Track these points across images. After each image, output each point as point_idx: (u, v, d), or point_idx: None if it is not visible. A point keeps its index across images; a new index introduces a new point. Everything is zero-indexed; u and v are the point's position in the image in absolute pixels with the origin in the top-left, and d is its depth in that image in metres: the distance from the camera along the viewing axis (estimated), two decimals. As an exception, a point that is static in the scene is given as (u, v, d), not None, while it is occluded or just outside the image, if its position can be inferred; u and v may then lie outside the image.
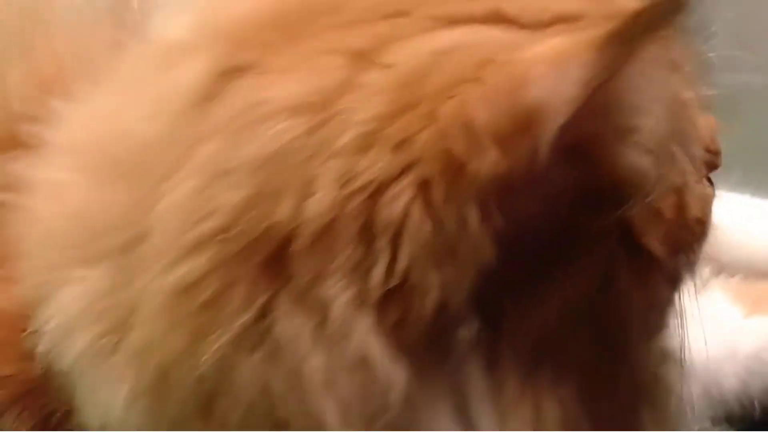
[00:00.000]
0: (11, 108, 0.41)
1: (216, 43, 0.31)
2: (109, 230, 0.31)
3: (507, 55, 0.27)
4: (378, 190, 0.27)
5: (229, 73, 0.30)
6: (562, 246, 0.29)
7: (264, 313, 0.28)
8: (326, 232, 0.27)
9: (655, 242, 0.32)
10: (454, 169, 0.26)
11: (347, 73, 0.28)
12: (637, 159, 0.29)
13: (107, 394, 0.31)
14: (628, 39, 0.25)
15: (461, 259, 0.27)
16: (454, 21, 0.29)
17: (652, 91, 0.29)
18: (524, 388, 0.30)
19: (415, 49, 0.28)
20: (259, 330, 0.28)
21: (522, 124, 0.26)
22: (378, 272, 0.27)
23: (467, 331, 0.29)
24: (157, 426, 0.30)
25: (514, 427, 0.29)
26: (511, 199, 0.27)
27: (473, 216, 0.27)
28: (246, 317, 0.28)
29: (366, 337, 0.27)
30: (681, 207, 0.33)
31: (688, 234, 0.34)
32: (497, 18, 0.29)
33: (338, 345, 0.27)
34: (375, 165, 0.27)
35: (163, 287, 0.29)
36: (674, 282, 0.34)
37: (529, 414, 0.30)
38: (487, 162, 0.26)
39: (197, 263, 0.28)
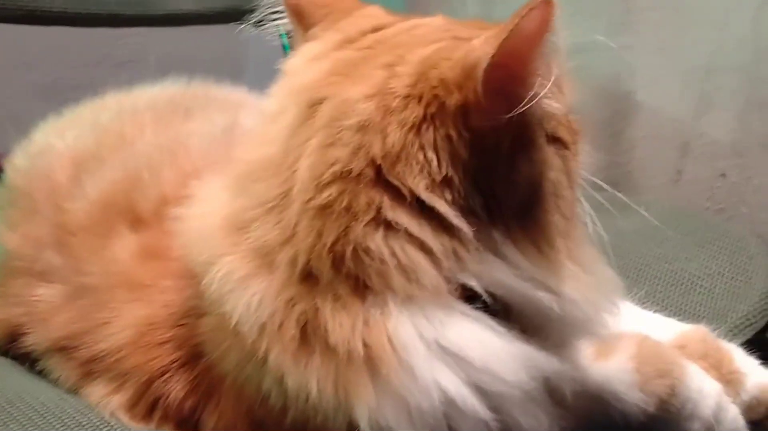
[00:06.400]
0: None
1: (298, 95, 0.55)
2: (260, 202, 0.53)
3: (461, 47, 0.51)
4: (416, 125, 0.50)
5: (315, 103, 0.53)
6: (510, 146, 0.51)
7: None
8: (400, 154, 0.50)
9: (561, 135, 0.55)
10: (440, 105, 0.50)
11: (386, 74, 0.52)
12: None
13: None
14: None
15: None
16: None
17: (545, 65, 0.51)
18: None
19: (417, 57, 0.52)
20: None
21: (468, 74, 0.49)
22: (434, 165, 0.50)
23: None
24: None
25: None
26: (469, 120, 0.50)
27: (453, 131, 0.50)
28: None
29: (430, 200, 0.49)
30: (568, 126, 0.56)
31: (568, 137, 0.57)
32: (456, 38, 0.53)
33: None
34: (413, 113, 0.50)
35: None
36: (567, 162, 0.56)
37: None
38: (453, 99, 0.49)
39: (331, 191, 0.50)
